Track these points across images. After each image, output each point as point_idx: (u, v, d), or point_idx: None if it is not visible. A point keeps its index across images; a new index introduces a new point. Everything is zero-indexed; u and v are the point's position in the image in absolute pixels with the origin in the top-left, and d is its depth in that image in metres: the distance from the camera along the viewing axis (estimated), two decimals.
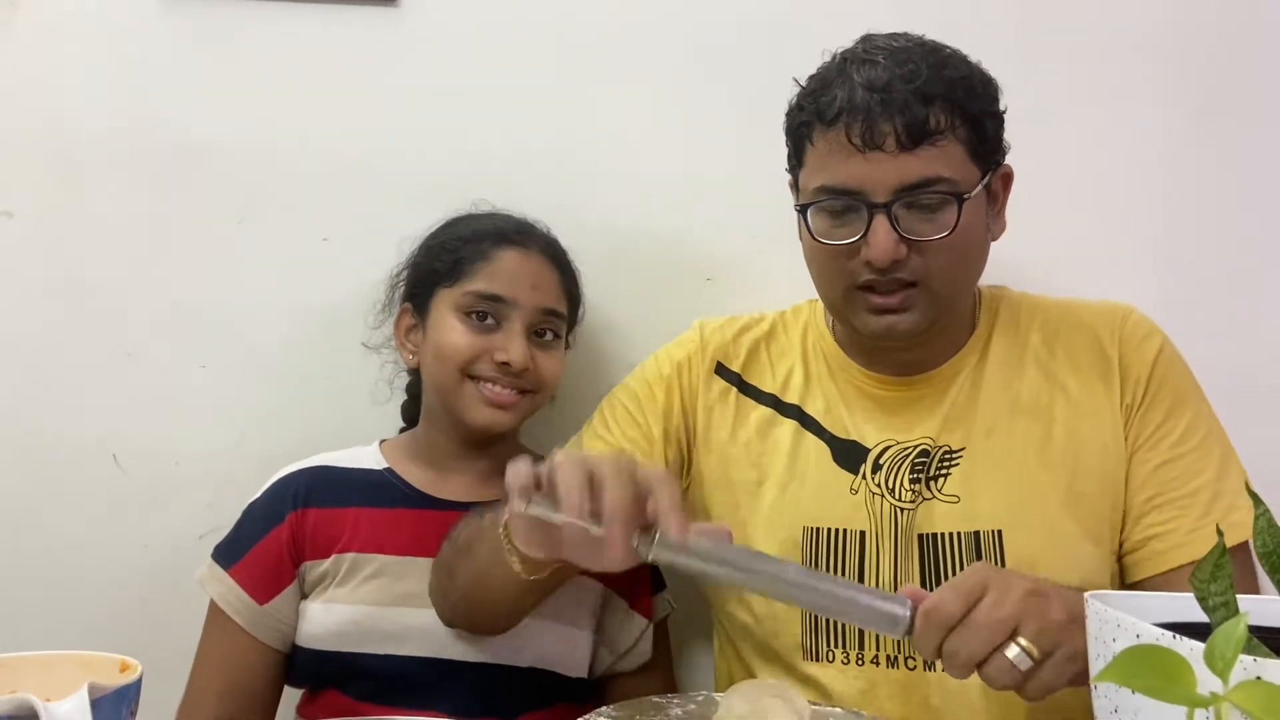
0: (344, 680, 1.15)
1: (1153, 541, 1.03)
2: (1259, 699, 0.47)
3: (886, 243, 0.97)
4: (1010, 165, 1.06)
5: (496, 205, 1.29)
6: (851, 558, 1.05)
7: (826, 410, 1.11)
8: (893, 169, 0.97)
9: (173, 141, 1.40)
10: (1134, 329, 1.08)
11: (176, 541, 1.35)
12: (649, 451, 1.13)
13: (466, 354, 1.17)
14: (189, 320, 1.40)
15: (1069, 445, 1.05)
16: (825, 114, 0.99)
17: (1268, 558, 0.61)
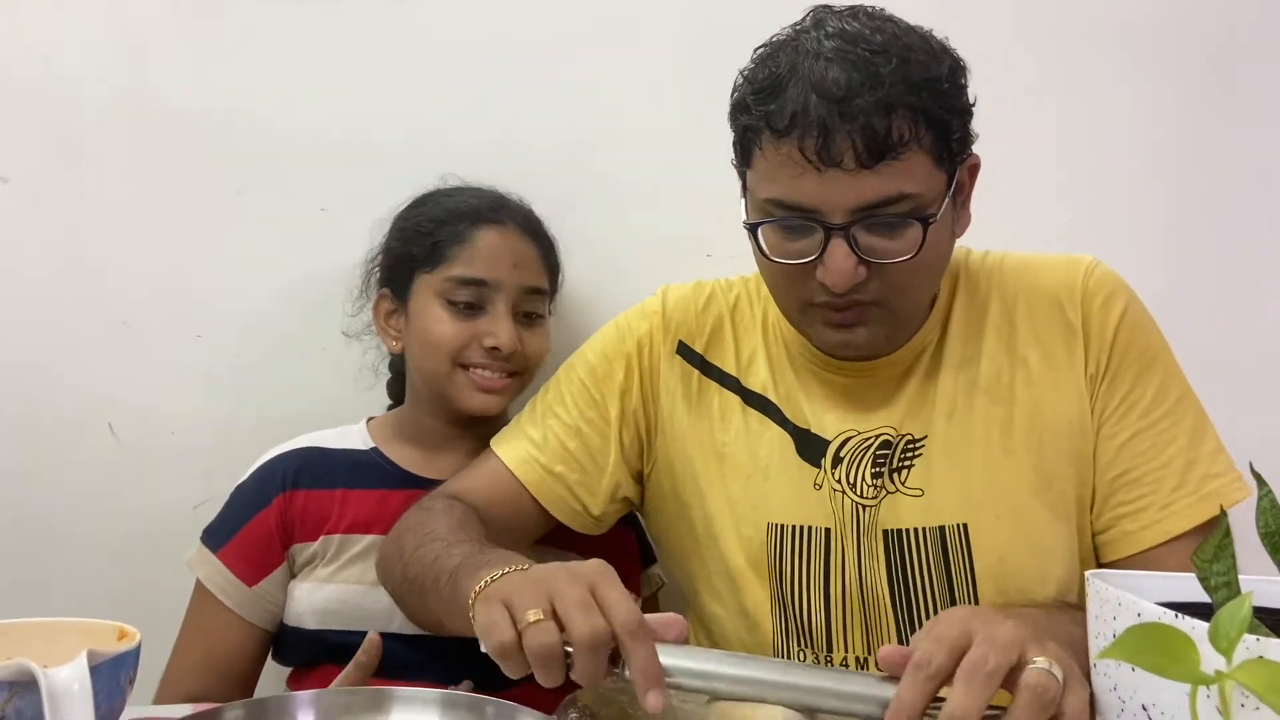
0: (334, 658, 1.16)
1: (1123, 521, 0.98)
2: (1264, 677, 0.47)
3: (844, 267, 0.90)
4: (977, 155, 0.98)
5: (465, 179, 1.27)
6: (816, 556, 1.01)
7: (788, 398, 1.06)
8: (851, 188, 0.88)
9: (172, 111, 1.39)
10: (1095, 289, 1.01)
11: (171, 510, 1.35)
12: (605, 433, 1.09)
13: (455, 343, 1.16)
14: (186, 290, 1.40)
15: (1032, 427, 1.00)
16: (775, 122, 0.89)
17: (1269, 538, 0.61)
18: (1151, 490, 0.97)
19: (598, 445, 1.09)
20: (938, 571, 0.99)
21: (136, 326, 1.40)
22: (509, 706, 0.81)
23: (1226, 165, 1.37)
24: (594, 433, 1.09)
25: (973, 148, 0.96)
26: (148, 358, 1.40)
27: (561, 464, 1.09)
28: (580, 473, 1.09)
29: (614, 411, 1.09)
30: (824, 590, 1.01)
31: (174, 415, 1.40)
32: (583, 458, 1.09)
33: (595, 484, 1.09)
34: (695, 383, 1.09)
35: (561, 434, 1.10)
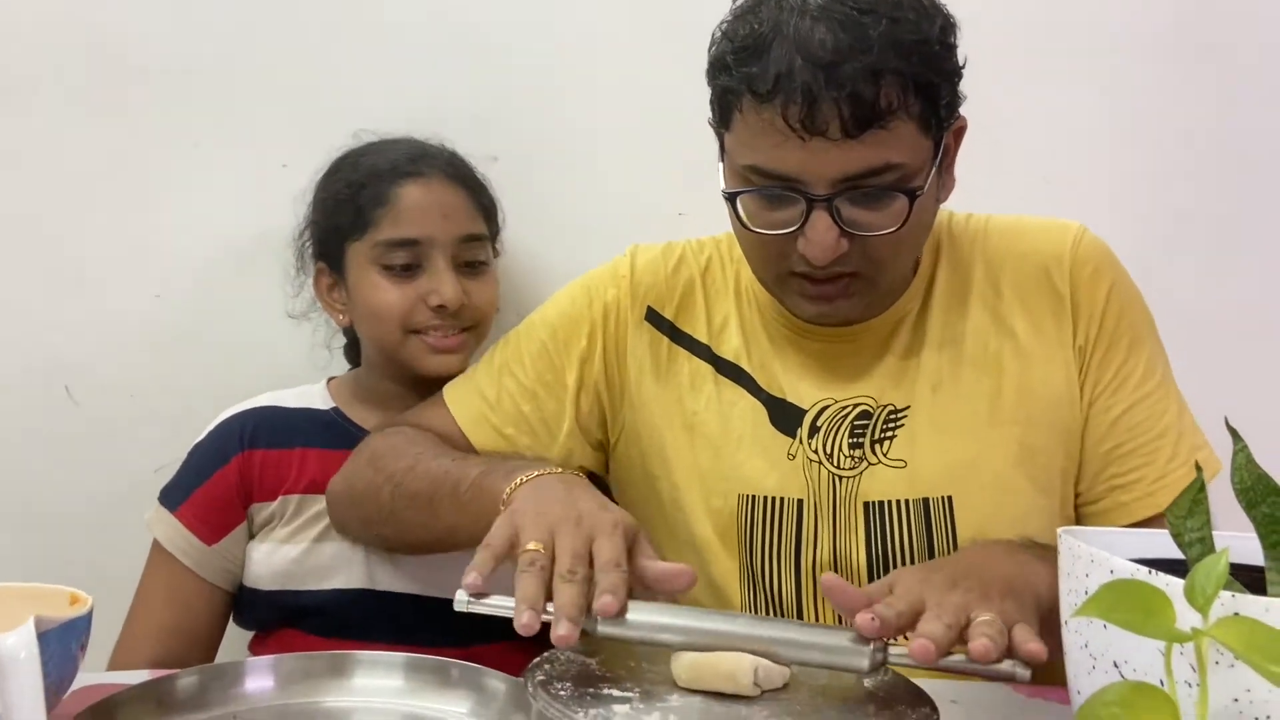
0: (293, 621, 1.15)
1: (1117, 493, 0.98)
2: (1241, 634, 0.46)
3: (826, 239, 0.87)
4: (964, 117, 0.94)
5: (380, 132, 1.22)
6: (788, 528, 0.99)
7: (762, 366, 1.03)
8: (836, 158, 0.85)
9: (127, 61, 1.34)
10: (1084, 258, 1.00)
11: (132, 475, 1.32)
12: (561, 399, 1.06)
13: (400, 309, 1.13)
14: (143, 249, 1.36)
15: (1020, 399, 0.98)
16: (757, 86, 0.85)
17: (1245, 493, 0.60)
18: (1146, 462, 0.97)
19: (552, 411, 1.07)
20: (919, 544, 0.97)
21: (92, 286, 1.36)
22: (474, 669, 0.80)
23: (1202, 124, 1.36)
24: (549, 397, 1.07)
25: (959, 110, 0.93)
26: (104, 319, 1.36)
27: (513, 426, 1.07)
28: (532, 437, 1.07)
29: (572, 378, 1.07)
30: (795, 562, 0.99)
31: (133, 377, 1.37)
32: (535, 422, 1.07)
33: (546, 449, 1.07)
34: (665, 351, 1.06)
35: (517, 395, 1.08)
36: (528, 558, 0.76)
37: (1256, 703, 0.52)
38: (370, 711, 0.79)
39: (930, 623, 0.71)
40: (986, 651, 0.69)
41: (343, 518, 1.11)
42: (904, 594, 0.75)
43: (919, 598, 0.74)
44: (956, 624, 0.72)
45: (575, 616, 0.72)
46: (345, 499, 1.09)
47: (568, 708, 0.68)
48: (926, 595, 0.74)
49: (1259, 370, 1.35)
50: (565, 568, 0.75)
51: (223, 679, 0.78)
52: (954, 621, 0.72)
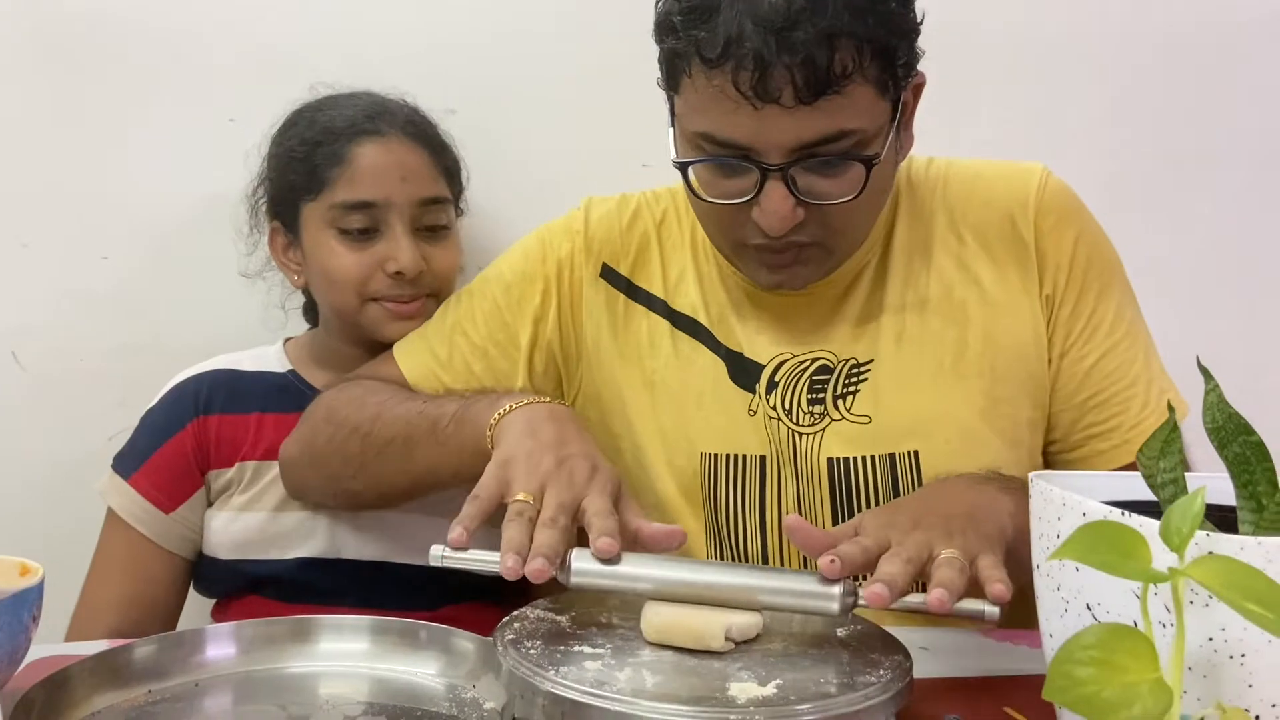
0: (255, 588, 1.13)
1: (1094, 441, 0.98)
2: (1218, 573, 0.46)
3: (782, 209, 0.85)
4: (922, 73, 0.91)
5: (338, 86, 1.17)
6: (752, 485, 0.98)
7: (720, 320, 1.01)
8: (789, 126, 0.82)
9: (65, 14, 1.28)
10: (1049, 204, 0.98)
11: (85, 442, 1.29)
12: (514, 358, 1.04)
13: (356, 276, 1.10)
14: (88, 209, 1.32)
15: (985, 349, 0.97)
16: (706, 50, 0.81)
17: (1216, 433, 0.60)
18: (1121, 410, 0.97)
19: (504, 370, 1.05)
20: (885, 499, 0.96)
21: (37, 249, 1.32)
22: (442, 629, 0.79)
23: (1165, 63, 1.35)
24: (501, 356, 1.05)
25: (918, 65, 0.90)
26: (51, 282, 1.32)
27: (464, 385, 1.04)
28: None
29: (525, 338, 1.04)
30: (760, 519, 0.98)
31: (83, 342, 1.32)
32: (488, 381, 1.04)
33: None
34: (621, 308, 1.04)
35: (468, 354, 1.05)
36: (516, 508, 0.77)
37: (1231, 641, 0.52)
38: (336, 676, 0.77)
39: (888, 563, 0.72)
40: (942, 603, 0.69)
41: (301, 479, 1.08)
42: (867, 534, 0.76)
43: (884, 537, 0.75)
44: (917, 559, 0.72)
45: (550, 556, 0.72)
46: (305, 460, 1.06)
47: (538, 666, 0.67)
48: (891, 535, 0.75)
49: (1224, 311, 1.36)
50: (549, 515, 0.76)
51: (181, 647, 0.76)
52: (913, 556, 0.72)
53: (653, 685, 0.66)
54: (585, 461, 0.82)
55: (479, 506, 0.78)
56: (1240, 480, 0.59)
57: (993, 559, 0.74)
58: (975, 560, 0.73)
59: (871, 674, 0.68)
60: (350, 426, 0.99)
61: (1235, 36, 1.35)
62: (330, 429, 1.02)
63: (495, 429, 0.87)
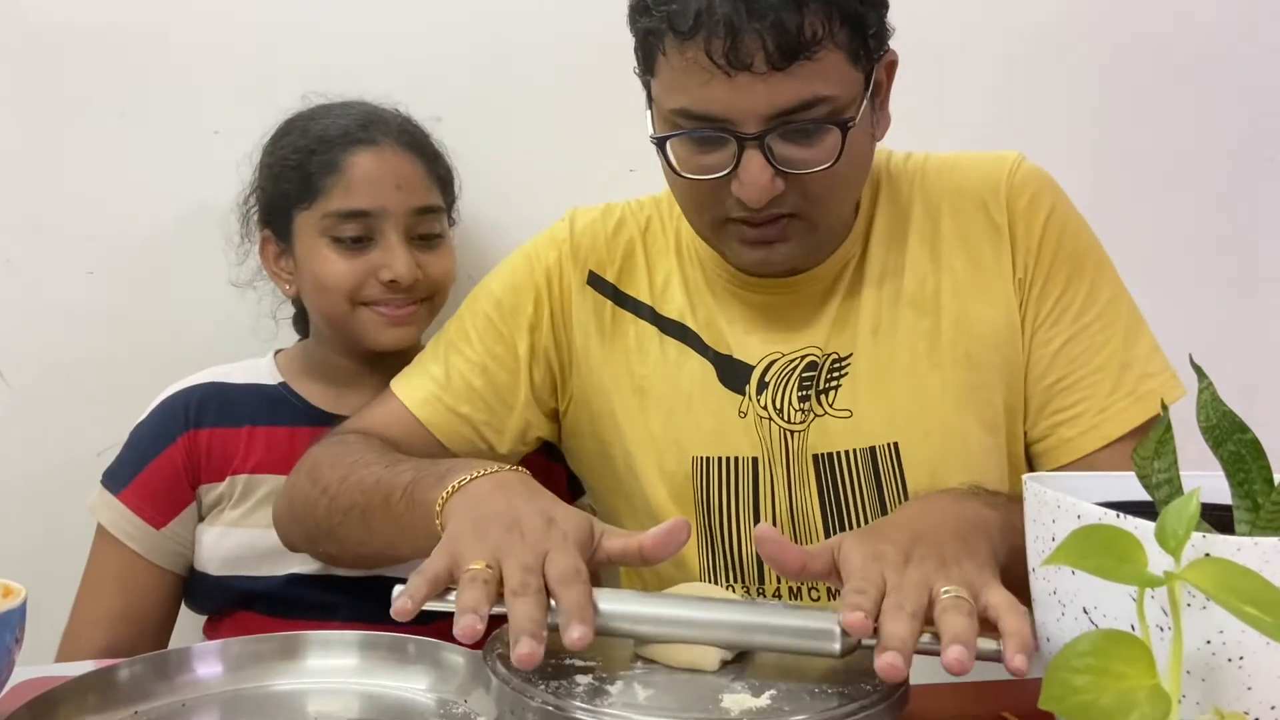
0: (246, 604, 1.12)
1: (1060, 429, 0.96)
2: (1214, 576, 0.45)
3: (760, 179, 0.85)
4: (895, 51, 0.92)
5: (331, 95, 1.17)
6: (745, 487, 0.98)
7: (708, 323, 1.01)
8: (763, 93, 0.83)
9: (44, 24, 1.28)
10: (1020, 187, 0.97)
11: (72, 459, 1.27)
12: (514, 369, 1.03)
13: (349, 283, 1.09)
14: (72, 224, 1.30)
15: (959, 337, 0.96)
16: (678, 23, 0.83)
17: (1211, 431, 0.59)
18: (1088, 395, 0.95)
19: (505, 383, 1.04)
20: (870, 493, 0.96)
21: (20, 265, 1.30)
22: (432, 644, 0.78)
23: (1151, 59, 1.35)
24: (501, 369, 1.04)
25: (890, 43, 0.91)
26: (36, 297, 1.31)
27: (467, 404, 1.03)
28: (487, 412, 1.04)
29: (523, 347, 1.04)
30: (753, 520, 0.98)
31: (70, 357, 1.31)
32: (489, 397, 1.03)
33: (503, 423, 1.04)
34: (609, 314, 1.03)
35: (466, 371, 1.04)
36: (470, 574, 0.68)
37: (1230, 643, 0.51)
38: (325, 693, 0.76)
39: (892, 622, 0.64)
40: (961, 664, 0.62)
41: (288, 536, 1.03)
42: (860, 576, 0.68)
43: (879, 576, 0.68)
44: (919, 607, 0.66)
45: (536, 632, 0.64)
46: (288, 517, 1.02)
47: (529, 680, 0.66)
48: (886, 574, 0.69)
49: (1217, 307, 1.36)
50: (516, 582, 0.67)
51: (168, 667, 0.75)
52: (916, 608, 0.66)
53: (645, 699, 0.65)
54: (537, 518, 0.74)
55: (424, 580, 0.70)
56: (1236, 479, 0.58)
57: (1001, 596, 0.67)
58: (979, 595, 0.68)
59: (867, 682, 0.67)
60: (321, 487, 0.95)
61: (1220, 36, 1.35)
62: (307, 486, 0.98)
63: (443, 512, 0.80)
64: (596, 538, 0.75)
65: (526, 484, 0.81)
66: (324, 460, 0.98)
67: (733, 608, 0.71)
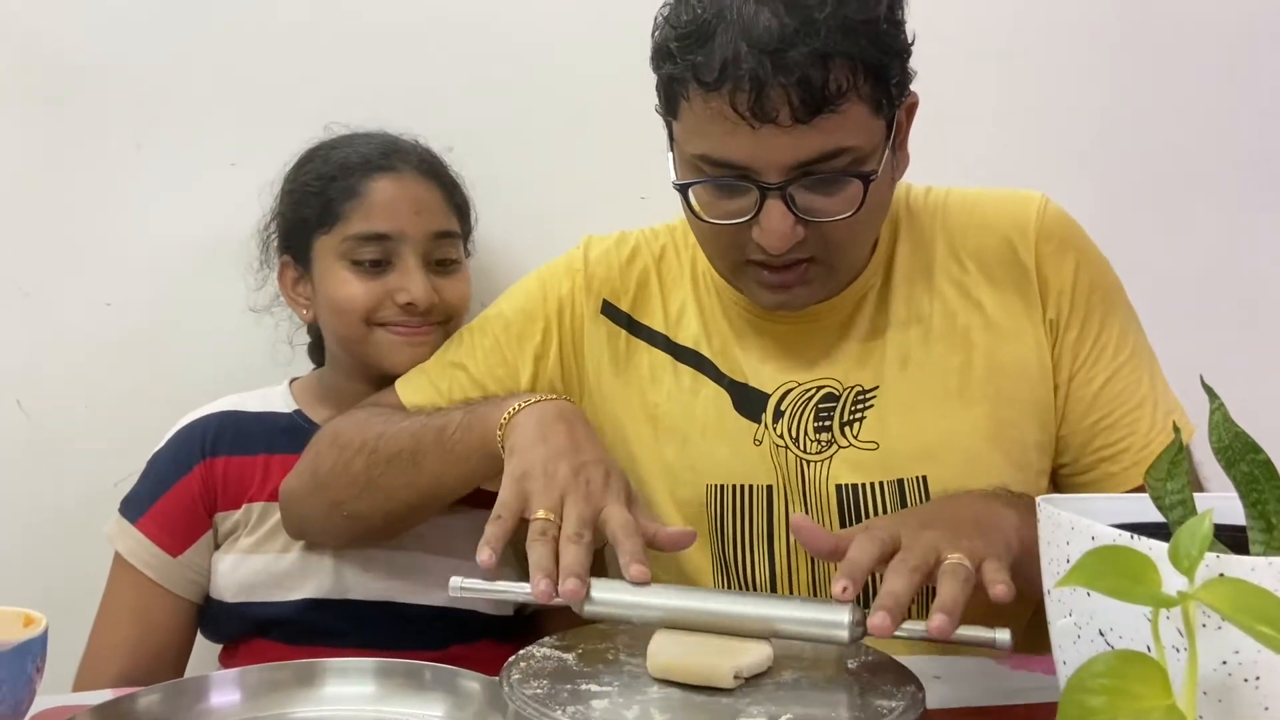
0: (262, 632, 1.12)
1: (1104, 464, 0.98)
2: (1228, 596, 0.45)
3: (781, 228, 0.86)
4: (915, 93, 0.93)
5: (352, 125, 1.19)
6: (759, 515, 0.98)
7: (722, 351, 1.01)
8: (787, 145, 0.83)
9: (63, 60, 1.30)
10: (1049, 231, 0.98)
11: (90, 489, 1.28)
12: (514, 394, 1.03)
13: (365, 305, 1.10)
14: (90, 255, 1.32)
15: (991, 373, 0.97)
16: (703, 75, 0.83)
17: (1223, 452, 0.59)
18: (1130, 432, 0.97)
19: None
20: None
21: (39, 297, 1.32)
22: (448, 670, 0.78)
23: (1154, 87, 1.36)
24: (501, 392, 1.04)
25: (911, 85, 0.91)
26: (55, 329, 1.32)
27: None
28: None
29: (526, 375, 1.04)
30: (768, 549, 0.98)
31: (87, 388, 1.32)
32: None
33: None
34: (623, 344, 1.04)
35: (469, 389, 1.05)
36: (539, 526, 0.78)
37: (1245, 664, 0.51)
38: None
39: (893, 577, 0.72)
40: (942, 631, 0.69)
41: (301, 512, 1.06)
42: (878, 526, 0.77)
43: (892, 536, 0.75)
44: (924, 565, 0.73)
45: (581, 575, 0.74)
46: (308, 488, 1.04)
47: (545, 705, 0.66)
48: (899, 536, 0.75)
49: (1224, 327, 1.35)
50: (572, 530, 0.77)
51: (185, 695, 0.75)
52: (920, 563, 0.73)
53: None
54: (599, 468, 0.83)
55: (501, 526, 0.79)
56: (1249, 499, 0.58)
57: (997, 564, 0.74)
58: (981, 565, 0.74)
59: (884, 705, 0.67)
60: (355, 446, 1.00)
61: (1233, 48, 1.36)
62: (335, 451, 1.01)
63: (505, 429, 0.89)
64: (634, 502, 0.84)
65: (584, 419, 0.91)
66: (349, 427, 1.02)
67: (745, 599, 0.77)
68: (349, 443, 1.01)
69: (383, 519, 1.04)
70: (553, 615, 1.14)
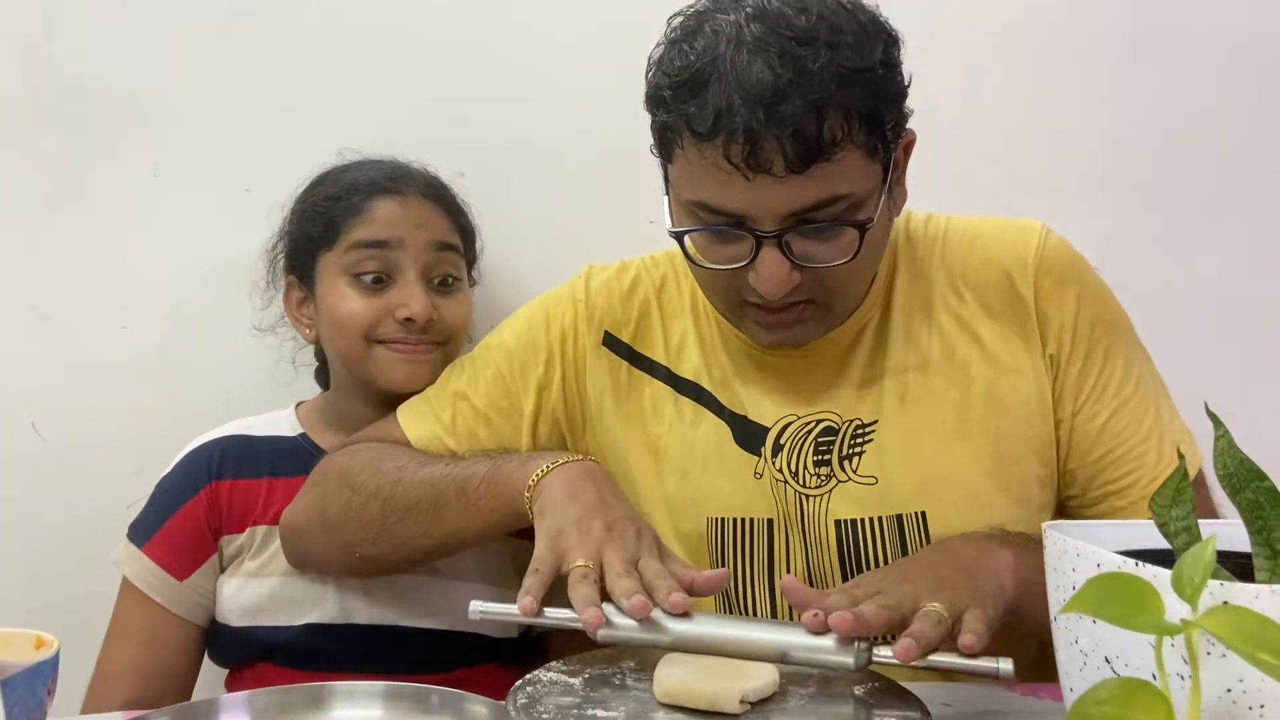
0: (266, 656, 1.12)
1: (1111, 499, 0.96)
2: (1230, 624, 0.45)
3: (778, 274, 0.85)
4: (912, 131, 0.91)
5: (364, 152, 1.21)
6: (760, 549, 0.97)
7: (723, 383, 1.01)
8: (782, 194, 0.82)
9: (81, 86, 1.32)
10: (1049, 264, 0.96)
11: (103, 510, 1.28)
12: (517, 425, 1.03)
13: (365, 319, 1.11)
14: (106, 279, 1.34)
15: (989, 408, 0.96)
16: (697, 124, 0.82)
17: (1229, 479, 0.59)
18: (1136, 466, 0.96)
19: (508, 436, 1.04)
20: (894, 560, 0.95)
21: (55, 319, 1.34)
22: (455, 694, 0.78)
23: (1160, 112, 1.36)
24: (505, 423, 1.04)
25: (907, 124, 0.90)
26: (70, 352, 1.34)
27: (469, 451, 1.02)
28: None
29: (529, 406, 1.04)
30: (768, 582, 0.98)
31: (101, 411, 1.34)
32: (492, 446, 1.03)
33: None
34: (625, 375, 1.04)
35: (471, 420, 1.04)
36: (579, 572, 0.79)
37: (1250, 692, 0.51)
38: None
39: (867, 604, 0.75)
40: (907, 652, 0.71)
41: (307, 547, 1.06)
42: (859, 580, 0.80)
43: (873, 588, 0.78)
44: (897, 607, 0.75)
45: (640, 593, 0.77)
46: (316, 526, 1.04)
47: None
48: (881, 587, 0.78)
49: (1234, 357, 1.35)
50: (620, 569, 0.79)
51: (195, 718, 0.76)
52: (894, 604, 0.75)
53: None
54: (631, 525, 0.85)
55: (540, 579, 0.81)
56: (1254, 527, 0.58)
57: (978, 612, 0.75)
58: (963, 615, 0.74)
59: None
60: (369, 492, 0.98)
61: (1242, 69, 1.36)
62: (346, 494, 1.00)
63: (534, 490, 0.90)
64: (664, 554, 0.86)
65: (610, 479, 0.92)
66: (360, 468, 1.01)
67: (754, 625, 0.79)
68: (361, 487, 0.99)
69: (397, 562, 1.04)
70: (558, 639, 1.14)
